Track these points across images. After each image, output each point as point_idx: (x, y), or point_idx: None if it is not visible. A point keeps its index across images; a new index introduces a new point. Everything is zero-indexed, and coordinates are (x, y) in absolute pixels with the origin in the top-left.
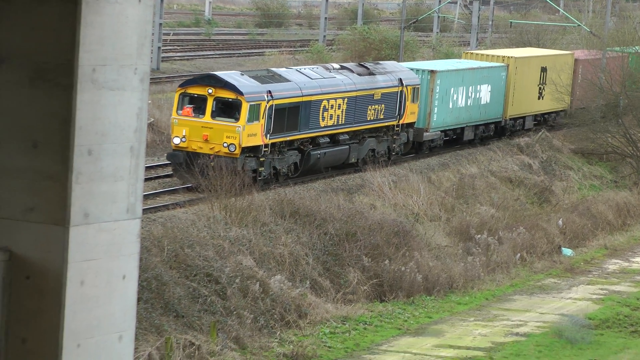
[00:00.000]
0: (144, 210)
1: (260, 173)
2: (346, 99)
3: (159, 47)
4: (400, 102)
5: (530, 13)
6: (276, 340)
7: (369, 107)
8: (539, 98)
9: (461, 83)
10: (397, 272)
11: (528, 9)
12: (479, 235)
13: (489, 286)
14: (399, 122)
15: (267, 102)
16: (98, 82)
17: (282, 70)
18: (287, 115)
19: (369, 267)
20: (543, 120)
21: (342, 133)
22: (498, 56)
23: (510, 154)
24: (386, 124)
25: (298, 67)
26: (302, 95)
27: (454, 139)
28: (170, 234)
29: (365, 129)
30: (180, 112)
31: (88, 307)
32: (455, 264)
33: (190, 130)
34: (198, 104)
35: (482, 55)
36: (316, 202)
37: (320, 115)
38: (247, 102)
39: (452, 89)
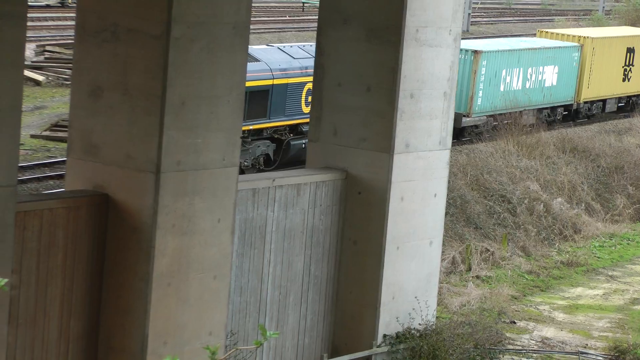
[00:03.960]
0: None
1: None
2: None
3: (469, 14)
4: None
5: None
6: (555, 250)
7: None
8: (624, 80)
9: (517, 64)
10: None
11: None
12: None
13: None
14: None
15: None
16: (420, 40)
17: (256, 49)
18: (250, 101)
19: (633, 194)
20: (631, 103)
21: None
22: (573, 36)
23: None
24: None
25: (284, 45)
26: (273, 78)
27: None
28: (472, 162)
29: None
30: None
31: (406, 218)
32: None
33: None
34: None
35: (556, 34)
36: (591, 140)
37: (304, 100)
38: None
39: (505, 71)
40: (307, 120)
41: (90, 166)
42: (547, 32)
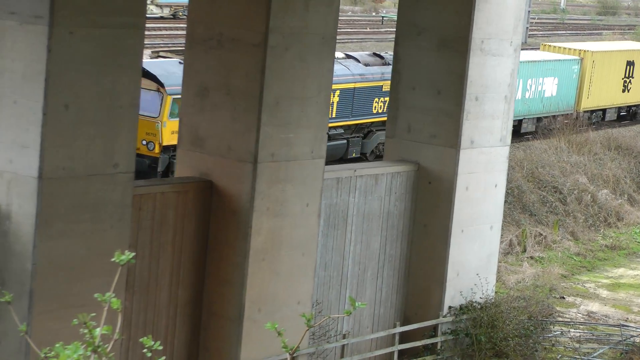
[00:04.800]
0: None
1: None
2: (338, 91)
3: (527, 27)
4: None
5: None
6: (600, 235)
7: (377, 99)
8: (623, 91)
9: (517, 76)
10: None
11: None
12: None
13: None
14: None
15: None
16: (484, 50)
17: None
18: None
19: None
20: (631, 112)
21: (333, 127)
22: (574, 49)
23: None
24: None
25: None
26: None
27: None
28: (528, 157)
29: (373, 122)
30: None
31: (470, 205)
32: None
33: None
34: None
35: (558, 47)
36: (634, 139)
37: None
38: (170, 94)
39: None
40: None
41: (197, 156)
42: (549, 45)
